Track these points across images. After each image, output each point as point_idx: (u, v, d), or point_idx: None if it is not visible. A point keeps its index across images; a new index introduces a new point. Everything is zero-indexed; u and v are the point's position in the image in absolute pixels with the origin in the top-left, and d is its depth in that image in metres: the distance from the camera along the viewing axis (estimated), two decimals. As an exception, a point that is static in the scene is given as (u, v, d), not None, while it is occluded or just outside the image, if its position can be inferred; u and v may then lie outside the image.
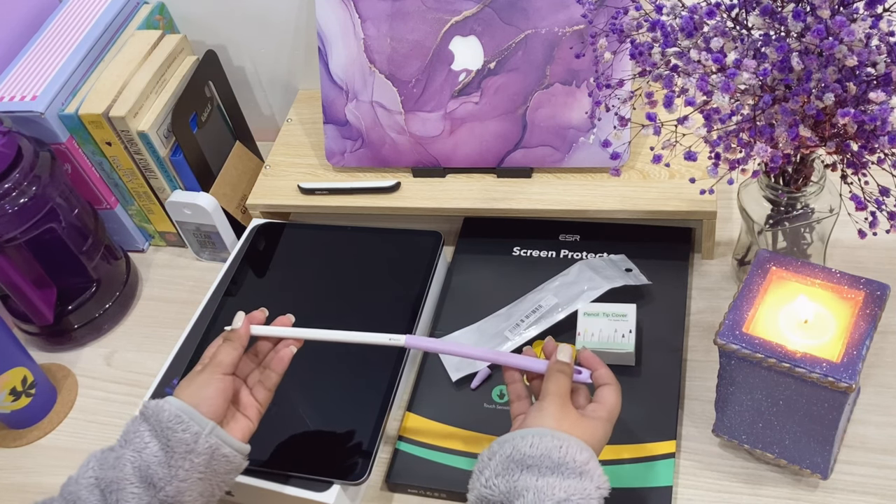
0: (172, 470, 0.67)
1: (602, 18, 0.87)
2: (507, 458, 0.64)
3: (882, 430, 0.79)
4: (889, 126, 0.61)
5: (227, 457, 0.69)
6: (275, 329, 0.77)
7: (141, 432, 0.68)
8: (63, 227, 0.98)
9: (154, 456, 0.67)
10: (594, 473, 0.63)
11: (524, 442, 0.64)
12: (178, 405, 0.68)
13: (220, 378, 0.72)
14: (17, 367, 0.93)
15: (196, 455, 0.67)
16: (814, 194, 0.78)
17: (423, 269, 0.94)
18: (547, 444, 0.63)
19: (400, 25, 0.98)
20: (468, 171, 1.01)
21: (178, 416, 0.68)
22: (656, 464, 0.79)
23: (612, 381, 0.71)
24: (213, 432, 0.68)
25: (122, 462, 0.67)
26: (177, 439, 0.67)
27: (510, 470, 0.63)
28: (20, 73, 1.01)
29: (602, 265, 0.93)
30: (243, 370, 0.76)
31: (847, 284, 0.71)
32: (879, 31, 0.61)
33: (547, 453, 0.63)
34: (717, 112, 0.67)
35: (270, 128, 1.24)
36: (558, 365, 0.70)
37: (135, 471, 0.67)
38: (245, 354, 0.76)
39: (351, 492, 0.81)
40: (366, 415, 0.83)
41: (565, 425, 0.65)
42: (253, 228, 1.04)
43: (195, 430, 0.68)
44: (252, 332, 0.76)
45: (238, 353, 0.74)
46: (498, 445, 0.66)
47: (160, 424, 0.68)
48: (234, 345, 0.74)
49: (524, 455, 0.63)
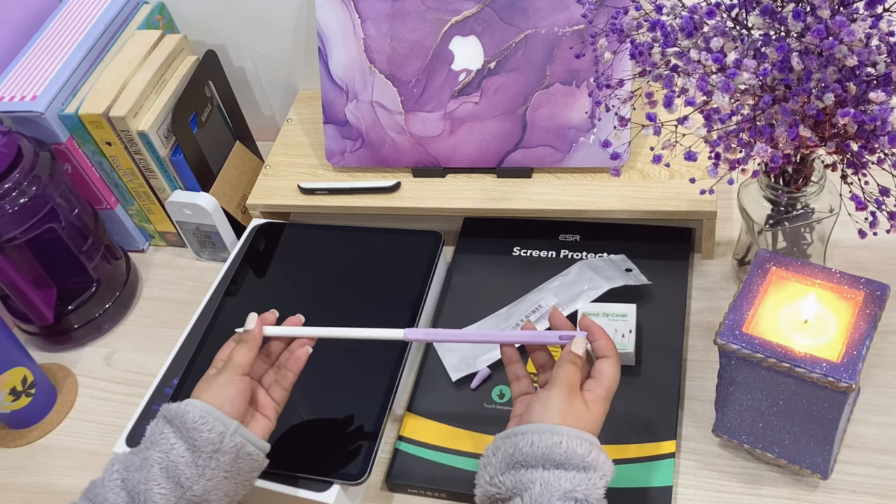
0: (199, 469, 0.67)
1: (602, 18, 0.87)
2: (510, 457, 0.64)
3: (882, 430, 0.79)
4: (889, 126, 0.61)
5: (251, 455, 0.70)
6: (286, 329, 0.78)
7: (166, 434, 0.69)
8: (63, 227, 0.98)
9: (181, 456, 0.67)
10: (598, 463, 0.63)
11: (525, 440, 0.64)
12: (202, 407, 0.69)
13: (239, 379, 0.72)
14: (17, 367, 0.93)
15: (222, 454, 0.68)
16: (814, 194, 0.78)
17: (423, 269, 0.94)
18: (547, 442, 0.63)
19: (400, 25, 0.98)
20: (468, 171, 1.01)
21: (202, 417, 0.68)
22: (656, 464, 0.79)
23: (611, 354, 0.70)
24: (237, 431, 0.69)
25: (149, 463, 0.68)
26: (203, 439, 0.68)
27: (513, 467, 0.64)
28: (20, 73, 1.01)
29: (602, 265, 0.93)
30: (256, 371, 0.77)
31: (847, 284, 0.71)
32: (879, 31, 0.61)
33: (548, 452, 0.63)
34: (717, 112, 0.67)
35: (270, 128, 1.24)
36: (571, 356, 0.70)
37: (162, 471, 0.67)
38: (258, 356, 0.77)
39: (351, 492, 0.81)
40: (366, 415, 0.83)
41: (570, 419, 0.65)
42: (253, 228, 1.04)
43: (220, 429, 0.68)
44: (265, 332, 0.76)
45: (253, 354, 0.74)
46: (501, 441, 0.66)
47: (185, 426, 0.68)
48: (249, 346, 0.74)
49: (525, 455, 0.63)
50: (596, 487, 0.62)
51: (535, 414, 0.66)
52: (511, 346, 0.75)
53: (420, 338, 0.78)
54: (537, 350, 0.75)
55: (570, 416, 0.65)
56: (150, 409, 0.89)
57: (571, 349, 0.70)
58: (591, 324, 0.72)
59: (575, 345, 0.71)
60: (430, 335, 0.83)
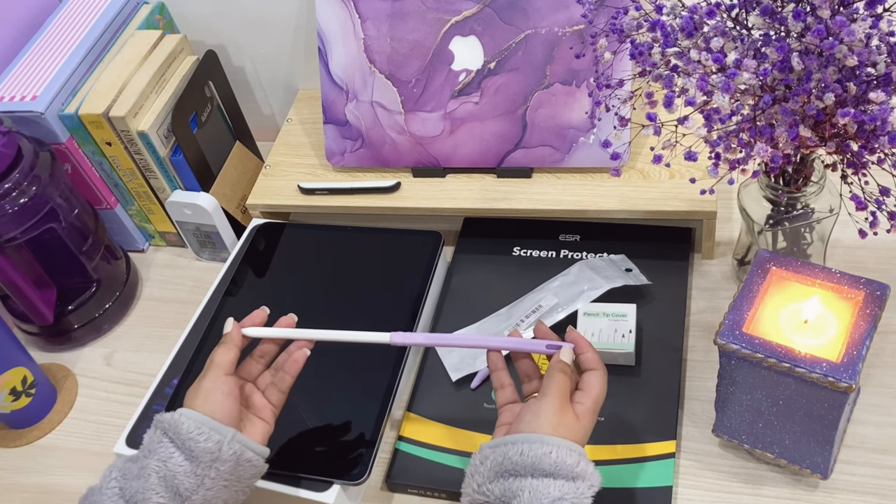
0: (199, 479, 0.67)
1: (602, 18, 0.87)
2: (499, 465, 0.64)
3: (882, 430, 0.79)
4: (889, 126, 0.61)
5: (251, 461, 0.70)
6: (270, 330, 0.77)
7: (164, 443, 0.68)
8: (63, 227, 0.98)
9: (179, 465, 0.67)
10: (586, 473, 0.64)
11: (515, 450, 0.64)
12: (195, 417, 0.68)
13: (223, 380, 0.72)
14: (17, 367, 0.93)
15: (221, 463, 0.68)
16: (814, 194, 0.78)
17: (423, 269, 0.94)
18: (537, 452, 0.63)
19: (400, 25, 0.98)
20: (468, 171, 1.01)
21: (198, 428, 0.68)
22: (656, 464, 0.79)
23: (598, 367, 0.70)
24: (234, 438, 0.69)
25: (147, 472, 0.67)
26: (200, 449, 0.67)
27: (502, 476, 0.64)
28: (20, 73, 1.01)
29: (602, 265, 0.93)
30: (251, 372, 0.77)
31: (847, 284, 0.71)
32: (879, 31, 0.61)
33: (538, 462, 0.63)
34: (717, 112, 0.67)
35: (270, 128, 1.24)
36: (561, 365, 0.70)
37: (160, 480, 0.67)
38: (250, 357, 0.77)
39: (351, 492, 0.81)
40: (366, 415, 0.83)
41: (561, 430, 0.66)
42: (253, 228, 1.04)
43: (217, 438, 0.68)
44: (245, 332, 0.76)
45: (233, 353, 0.74)
46: (490, 450, 0.66)
47: (180, 437, 0.68)
48: (227, 346, 0.74)
49: (515, 463, 0.64)
50: (584, 497, 0.63)
51: (525, 424, 0.67)
52: (498, 353, 0.75)
53: (406, 342, 0.76)
54: (523, 358, 0.75)
55: (561, 427, 0.66)
56: (150, 409, 0.89)
57: (561, 358, 0.71)
58: (578, 337, 0.72)
59: (564, 354, 0.71)
60: (417, 339, 0.78)
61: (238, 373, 0.75)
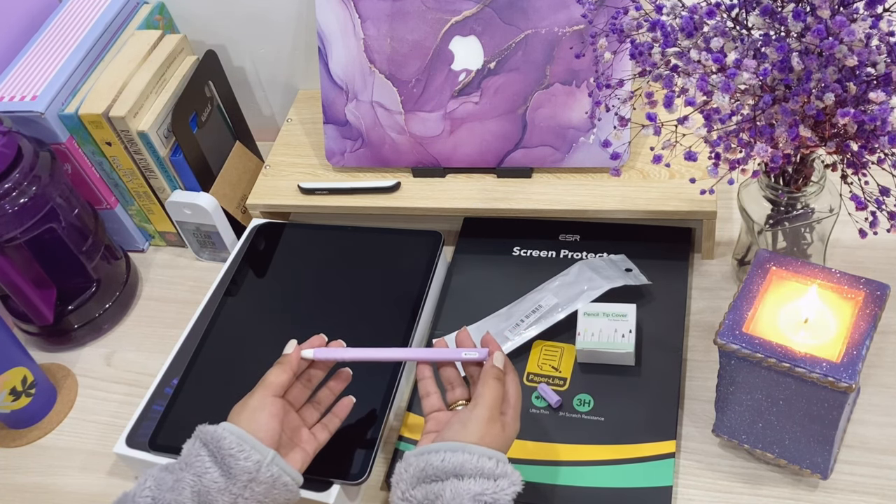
0: (233, 497, 0.67)
1: (602, 18, 0.87)
2: (421, 472, 0.65)
3: (882, 430, 0.79)
4: (889, 126, 0.61)
5: (287, 485, 0.70)
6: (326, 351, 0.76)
7: (202, 457, 0.68)
8: (63, 227, 0.98)
9: (214, 482, 0.67)
10: (506, 473, 0.65)
11: (437, 457, 0.65)
12: (238, 432, 0.68)
13: (271, 401, 0.72)
14: (17, 367, 0.93)
15: (258, 484, 0.67)
16: (814, 194, 0.78)
17: (423, 269, 0.94)
18: (459, 459, 0.64)
19: (400, 25, 0.98)
20: (468, 171, 1.01)
21: (239, 444, 0.67)
22: (656, 464, 0.79)
23: (510, 370, 0.72)
24: (273, 461, 0.69)
25: (182, 485, 0.67)
26: (239, 468, 0.67)
27: (424, 481, 0.65)
28: (20, 73, 1.01)
29: (602, 265, 0.93)
30: (298, 397, 0.76)
31: (847, 284, 0.71)
32: (879, 31, 0.61)
33: (458, 468, 0.64)
34: (717, 112, 0.67)
35: (270, 128, 1.24)
36: (495, 371, 0.71)
37: (193, 495, 0.66)
38: (298, 381, 0.76)
39: (351, 492, 0.81)
40: (366, 415, 0.83)
41: (487, 439, 0.67)
42: (253, 228, 1.04)
43: (257, 458, 0.68)
44: (303, 355, 0.76)
45: (287, 376, 0.74)
46: (414, 458, 0.67)
47: (220, 452, 0.67)
48: (283, 367, 0.74)
49: (436, 469, 0.65)
50: (504, 493, 0.64)
51: (452, 432, 0.67)
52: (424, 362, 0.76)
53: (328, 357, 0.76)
54: (445, 366, 0.76)
55: (486, 438, 0.67)
56: (149, 409, 0.89)
57: (494, 364, 0.71)
58: (490, 339, 0.74)
59: (497, 360, 0.72)
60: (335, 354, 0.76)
61: (286, 397, 0.75)
